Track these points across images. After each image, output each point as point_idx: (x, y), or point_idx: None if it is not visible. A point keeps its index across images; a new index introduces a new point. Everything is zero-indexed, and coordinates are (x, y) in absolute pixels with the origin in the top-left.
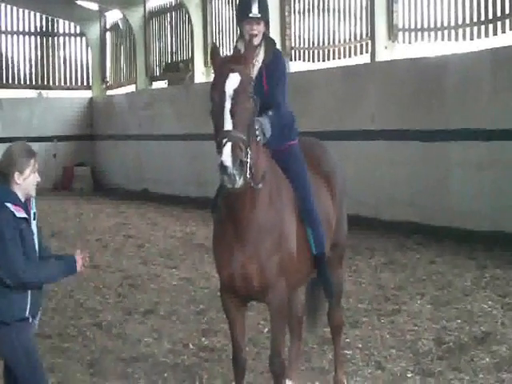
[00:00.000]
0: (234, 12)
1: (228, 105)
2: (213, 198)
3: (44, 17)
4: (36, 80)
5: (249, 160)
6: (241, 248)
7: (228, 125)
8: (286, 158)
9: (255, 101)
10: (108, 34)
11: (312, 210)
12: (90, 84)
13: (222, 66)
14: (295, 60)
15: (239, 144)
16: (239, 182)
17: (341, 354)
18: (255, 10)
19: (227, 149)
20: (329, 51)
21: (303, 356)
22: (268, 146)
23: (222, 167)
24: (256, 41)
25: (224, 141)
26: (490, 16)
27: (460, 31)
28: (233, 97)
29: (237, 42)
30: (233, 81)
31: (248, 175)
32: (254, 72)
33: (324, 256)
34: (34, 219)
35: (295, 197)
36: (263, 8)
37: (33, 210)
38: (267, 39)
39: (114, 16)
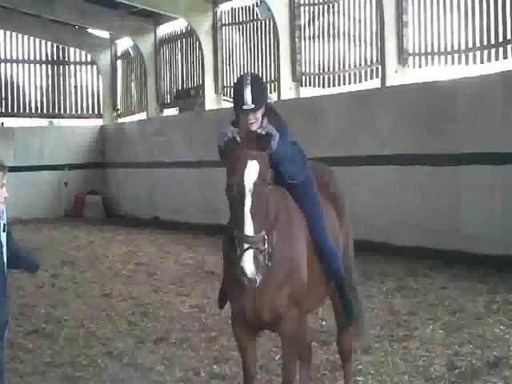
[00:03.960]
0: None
1: (248, 203)
2: (226, 226)
3: (55, 45)
4: (47, 109)
5: (266, 246)
6: None
7: (249, 229)
8: (299, 194)
9: (271, 175)
10: (119, 62)
11: (326, 245)
12: (101, 112)
13: (238, 149)
14: (305, 86)
15: (261, 249)
16: (258, 281)
17: (351, 379)
18: (249, 100)
19: (249, 257)
20: (339, 76)
21: (315, 383)
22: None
23: (243, 273)
24: (255, 127)
25: (245, 246)
26: (500, 39)
27: (470, 55)
28: (252, 192)
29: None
30: (252, 171)
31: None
32: None
33: (343, 282)
34: (4, 231)
35: (308, 228)
36: (257, 93)
37: (3, 222)
38: (269, 110)
39: (124, 44)
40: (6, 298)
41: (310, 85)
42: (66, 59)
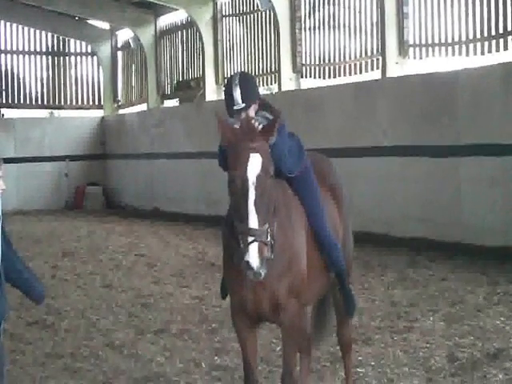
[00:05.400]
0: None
1: (252, 196)
2: (224, 217)
3: (55, 36)
4: (48, 100)
5: (269, 239)
6: None
7: (253, 222)
8: (298, 186)
9: (272, 166)
10: (119, 53)
11: (326, 236)
12: (102, 103)
13: (239, 142)
14: (306, 77)
15: (265, 241)
16: (263, 274)
17: (352, 371)
18: (239, 100)
19: (254, 250)
20: (339, 68)
21: (316, 374)
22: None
23: (249, 266)
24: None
25: (250, 239)
26: (501, 30)
27: (471, 46)
28: (256, 185)
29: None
30: (254, 164)
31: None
32: None
33: (343, 272)
34: None
35: (307, 219)
36: (246, 91)
37: None
38: (264, 106)
39: (125, 35)
40: (2, 290)
41: (310, 76)
42: (67, 50)
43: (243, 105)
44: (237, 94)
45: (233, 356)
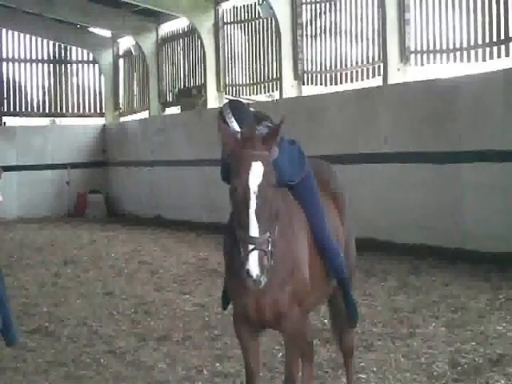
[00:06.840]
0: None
1: (253, 205)
2: (226, 224)
3: (56, 44)
4: (49, 108)
5: (270, 247)
6: None
7: (254, 231)
8: (299, 192)
9: (274, 174)
10: (121, 61)
11: (328, 243)
12: (103, 111)
13: (241, 149)
14: (308, 84)
15: (266, 250)
16: (263, 283)
17: (353, 377)
18: (237, 129)
19: (254, 258)
20: (341, 74)
21: (318, 381)
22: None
23: (249, 275)
24: None
25: (250, 247)
26: (502, 37)
27: (472, 52)
28: (257, 194)
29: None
30: (256, 173)
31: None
32: None
33: (345, 280)
34: None
35: (309, 225)
36: (240, 117)
37: None
38: (261, 118)
39: (126, 42)
40: None
41: (312, 83)
42: (68, 58)
43: (238, 130)
44: (233, 124)
45: (235, 362)
